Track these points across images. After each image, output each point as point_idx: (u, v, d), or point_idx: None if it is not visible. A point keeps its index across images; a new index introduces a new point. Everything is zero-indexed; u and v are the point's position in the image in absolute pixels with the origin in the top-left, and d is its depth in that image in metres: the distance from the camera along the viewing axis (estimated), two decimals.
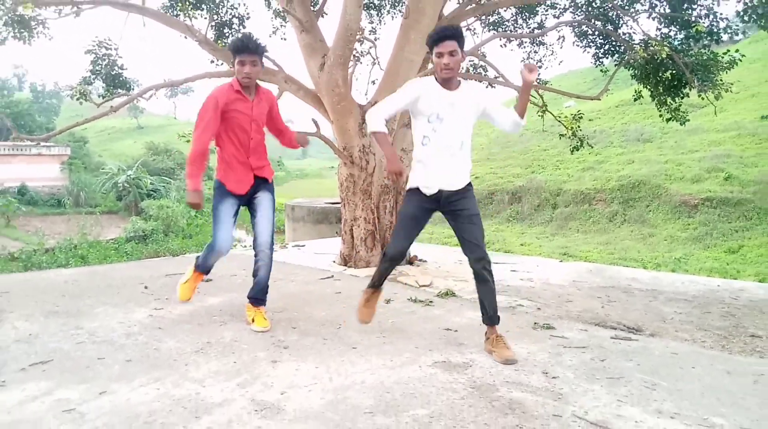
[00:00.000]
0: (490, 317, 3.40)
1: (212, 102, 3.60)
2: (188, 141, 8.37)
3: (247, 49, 3.56)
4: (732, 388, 2.97)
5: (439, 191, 3.31)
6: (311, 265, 6.69)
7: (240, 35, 3.77)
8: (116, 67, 7.98)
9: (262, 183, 3.87)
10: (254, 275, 3.86)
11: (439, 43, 3.19)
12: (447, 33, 3.20)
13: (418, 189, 3.36)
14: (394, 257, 3.45)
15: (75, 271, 6.40)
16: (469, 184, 3.40)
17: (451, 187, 3.31)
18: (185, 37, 7.26)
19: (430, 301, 4.78)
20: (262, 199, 3.87)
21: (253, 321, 3.81)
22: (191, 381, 2.85)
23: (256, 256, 3.83)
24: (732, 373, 3.20)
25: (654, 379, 3.03)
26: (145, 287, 5.04)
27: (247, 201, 3.88)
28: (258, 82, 3.82)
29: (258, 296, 3.87)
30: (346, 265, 6.67)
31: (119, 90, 8.06)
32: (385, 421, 2.43)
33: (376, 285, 3.64)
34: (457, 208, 3.34)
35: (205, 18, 7.76)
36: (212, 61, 8.09)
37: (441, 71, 3.22)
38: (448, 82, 3.28)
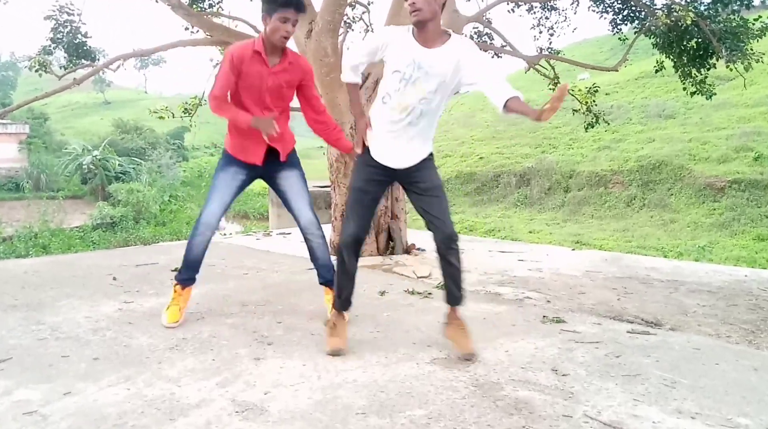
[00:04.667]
0: (455, 296, 3.27)
1: (227, 59, 3.45)
2: (161, 117, 8.40)
3: (296, 5, 3.33)
4: (759, 385, 3.00)
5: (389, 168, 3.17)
6: (297, 253, 6.69)
7: None
8: (79, 35, 7.92)
9: (279, 159, 3.68)
10: (313, 261, 3.86)
11: None
12: None
13: (369, 152, 3.20)
14: (348, 244, 3.23)
15: (36, 261, 6.39)
16: (429, 156, 3.21)
17: (400, 165, 3.15)
18: (156, 1, 7.21)
19: (429, 293, 4.80)
20: (289, 175, 3.73)
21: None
22: (165, 380, 2.86)
23: (306, 239, 3.82)
24: (759, 370, 3.23)
25: (674, 377, 3.06)
26: (114, 278, 5.04)
27: (268, 179, 3.75)
28: (288, 47, 3.57)
29: (331, 278, 3.80)
30: (336, 254, 6.67)
31: (83, 60, 8.02)
32: (379, 423, 2.45)
33: (342, 305, 3.37)
34: (413, 180, 3.18)
35: None
36: (186, 28, 8.05)
37: (410, 15, 2.90)
38: (423, 34, 2.95)
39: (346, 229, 3.21)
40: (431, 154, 3.23)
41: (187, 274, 3.78)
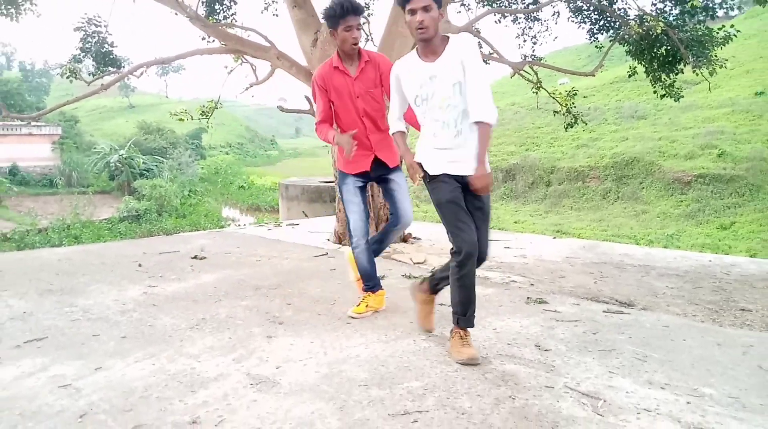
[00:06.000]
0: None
1: (313, 86, 3.42)
2: (180, 119, 8.36)
3: (354, 10, 3.24)
4: (722, 359, 3.01)
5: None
6: (305, 242, 6.70)
7: (332, 1, 3.31)
8: (106, 45, 7.89)
9: (387, 166, 3.55)
10: (380, 242, 3.73)
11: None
12: None
13: (438, 174, 2.91)
14: (472, 253, 2.81)
15: (68, 249, 6.39)
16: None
17: (466, 171, 2.84)
18: (176, 14, 7.17)
19: (425, 278, 4.79)
20: (398, 178, 3.59)
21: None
22: (186, 356, 2.86)
23: (389, 230, 3.72)
24: (722, 345, 3.24)
25: (645, 351, 3.07)
26: (139, 265, 5.04)
27: (379, 181, 3.63)
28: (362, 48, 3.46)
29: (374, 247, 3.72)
30: (340, 244, 6.68)
31: (109, 68, 7.98)
32: (380, 393, 2.45)
33: (469, 321, 2.93)
34: (472, 197, 2.91)
35: None
36: (203, 38, 8.01)
37: (416, 32, 2.77)
38: (427, 49, 2.84)
39: (461, 243, 2.79)
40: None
41: (370, 283, 3.68)
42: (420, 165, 2.98)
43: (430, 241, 6.95)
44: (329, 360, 2.84)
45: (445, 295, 3.16)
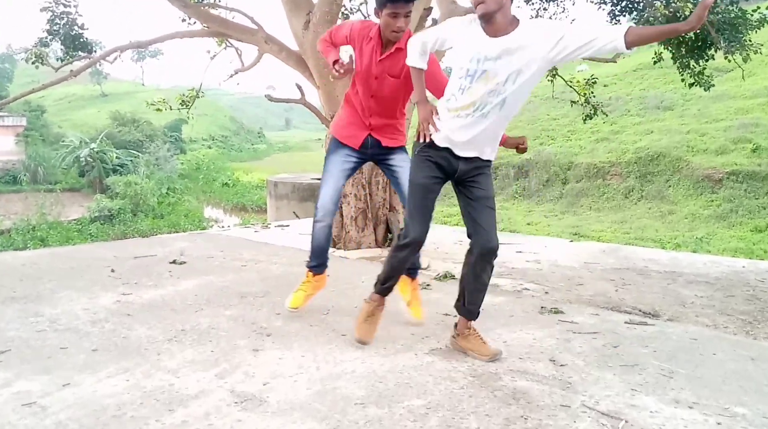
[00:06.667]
0: (472, 312, 3.17)
1: (347, 24, 3.48)
2: (158, 110, 8.39)
3: None
4: (756, 375, 3.01)
5: (457, 158, 2.97)
6: (296, 245, 6.69)
7: None
8: (76, 27, 7.88)
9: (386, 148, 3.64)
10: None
11: None
12: None
13: (430, 146, 2.99)
14: (413, 245, 3.09)
15: (34, 253, 6.39)
16: (489, 162, 3.06)
17: (466, 153, 2.95)
18: None
19: (428, 285, 4.81)
20: (401, 160, 3.64)
21: (409, 304, 3.77)
22: (164, 371, 2.86)
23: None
24: (756, 360, 3.24)
25: (671, 367, 3.07)
26: (112, 270, 5.03)
27: (379, 162, 3.72)
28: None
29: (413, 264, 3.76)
30: (334, 247, 6.68)
31: (80, 52, 7.99)
32: (378, 413, 2.46)
33: (384, 291, 3.31)
34: (471, 185, 3.03)
35: None
36: (183, 20, 8.01)
37: (475, 7, 2.69)
38: (491, 26, 2.72)
39: (413, 230, 3.05)
40: (490, 161, 3.07)
41: (315, 261, 3.80)
42: (431, 121, 2.96)
43: (434, 244, 6.95)
44: (322, 375, 2.84)
45: (449, 303, 3.16)
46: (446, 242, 7.07)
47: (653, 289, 4.96)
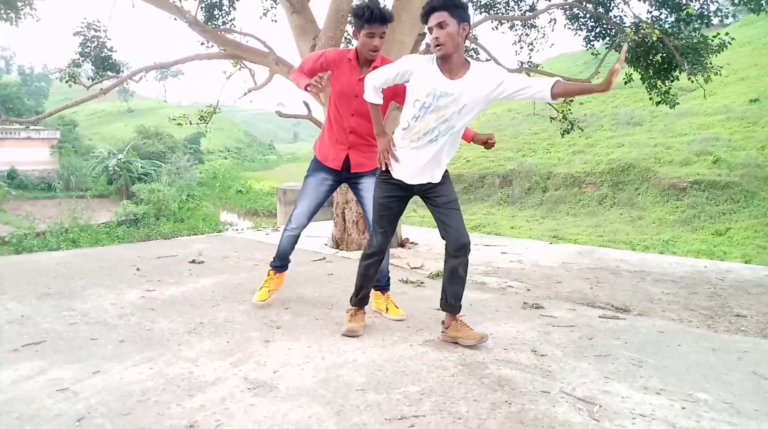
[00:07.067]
0: (453, 306, 3.16)
1: (323, 53, 3.41)
2: (179, 124, 8.38)
3: (381, 19, 3.20)
4: (716, 364, 3.02)
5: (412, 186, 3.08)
6: (303, 247, 6.69)
7: (365, 3, 3.33)
8: (105, 49, 7.90)
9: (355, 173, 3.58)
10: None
11: (428, 17, 2.80)
12: (433, 3, 2.78)
13: (388, 170, 3.08)
14: (373, 254, 3.21)
15: (66, 253, 6.38)
16: (445, 172, 3.10)
17: (419, 181, 3.04)
18: (175, 19, 7.19)
19: (421, 282, 4.81)
20: (367, 186, 3.56)
21: (387, 310, 3.73)
22: (184, 360, 2.86)
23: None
24: (717, 351, 3.25)
25: (641, 357, 3.08)
26: (137, 269, 5.03)
27: (351, 185, 3.67)
28: (381, 53, 3.44)
29: (380, 283, 3.74)
30: (338, 248, 6.68)
31: (108, 72, 8.00)
32: (377, 398, 2.45)
33: (359, 303, 3.38)
34: (433, 195, 3.08)
35: None
36: (202, 43, 8.03)
37: (434, 49, 2.82)
38: (447, 65, 2.84)
39: (373, 242, 3.19)
40: (446, 171, 3.13)
41: (278, 262, 3.89)
42: (390, 152, 3.05)
43: (427, 245, 6.95)
44: (326, 364, 2.84)
45: (435, 299, 3.17)
46: (438, 244, 7.05)
47: (624, 286, 4.97)
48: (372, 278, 3.32)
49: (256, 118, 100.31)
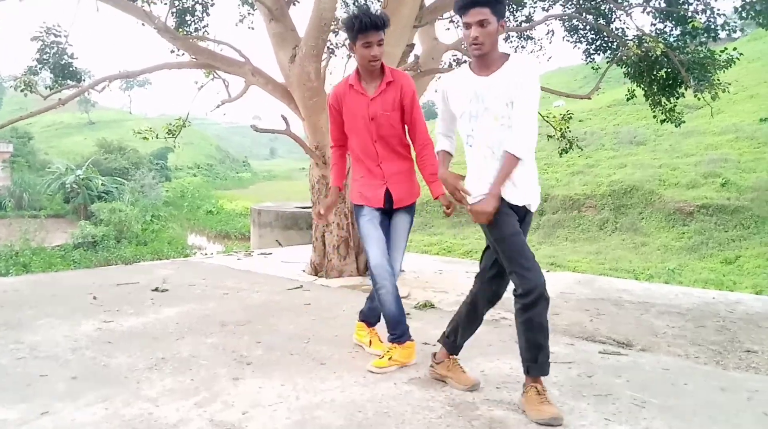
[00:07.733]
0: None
1: (328, 105, 3.44)
2: (145, 138, 8.35)
3: (374, 26, 3.14)
4: (726, 405, 3.03)
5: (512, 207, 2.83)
6: (278, 274, 6.66)
7: (355, 12, 3.27)
8: (66, 56, 7.89)
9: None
10: (371, 299, 3.72)
11: (466, 11, 2.69)
12: None
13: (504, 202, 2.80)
14: (542, 293, 2.74)
15: (16, 279, 6.29)
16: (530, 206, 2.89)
17: (518, 202, 2.83)
18: (143, 25, 7.21)
19: (407, 314, 4.78)
20: (398, 221, 3.53)
21: (370, 344, 3.72)
22: (143, 400, 2.82)
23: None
24: (726, 390, 3.26)
25: (644, 396, 3.08)
26: (94, 297, 4.97)
27: (388, 217, 3.57)
28: (387, 66, 3.41)
29: (369, 319, 3.76)
30: (316, 275, 6.65)
31: (68, 81, 7.98)
32: None
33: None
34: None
35: (165, 4, 7.70)
36: (172, 51, 8.05)
37: (470, 48, 2.75)
38: (482, 63, 2.78)
39: (530, 279, 2.74)
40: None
41: (397, 332, 3.41)
42: (460, 189, 2.85)
43: (414, 273, 6.95)
44: (301, 405, 2.81)
45: (429, 332, 3.15)
46: (426, 271, 7.07)
47: (627, 319, 4.99)
48: (544, 329, 2.79)
49: (229, 132, 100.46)
